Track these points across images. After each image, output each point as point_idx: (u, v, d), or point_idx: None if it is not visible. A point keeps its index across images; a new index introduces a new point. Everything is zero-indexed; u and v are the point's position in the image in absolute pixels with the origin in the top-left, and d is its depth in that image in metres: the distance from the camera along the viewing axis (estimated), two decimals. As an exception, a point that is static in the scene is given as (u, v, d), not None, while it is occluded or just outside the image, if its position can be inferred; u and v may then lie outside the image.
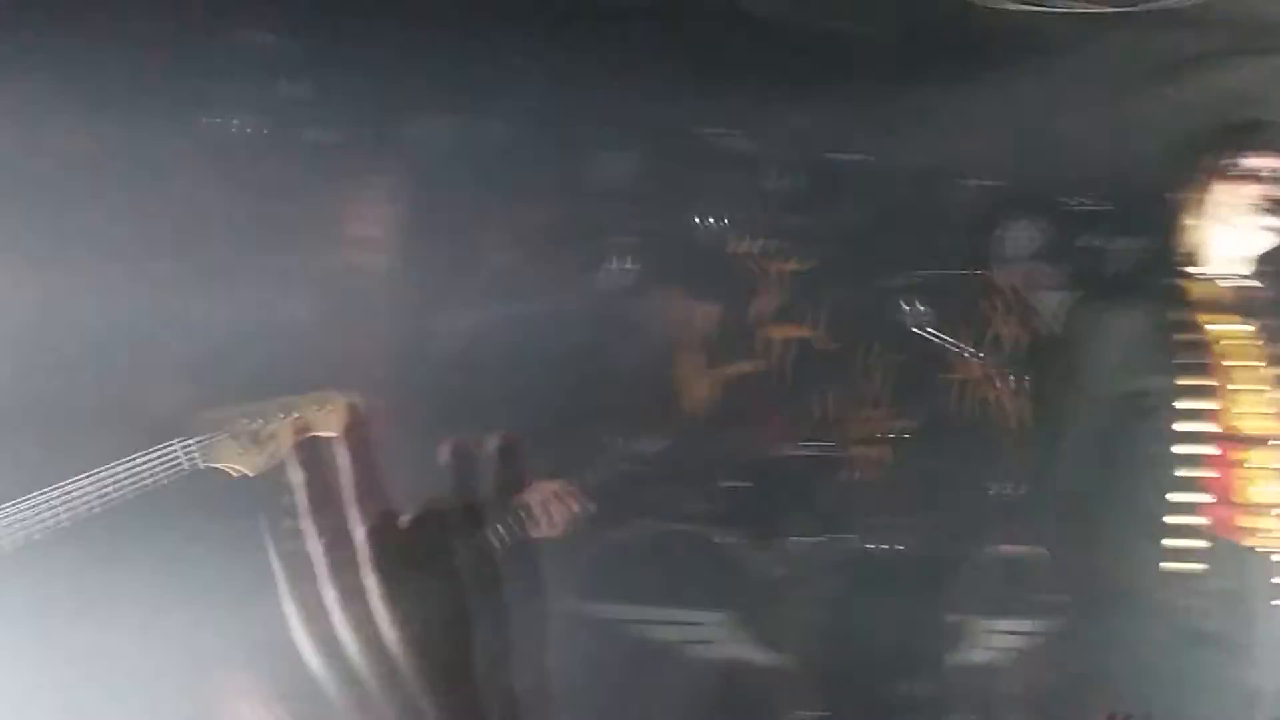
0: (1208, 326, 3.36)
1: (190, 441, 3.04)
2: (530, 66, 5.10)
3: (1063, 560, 3.43)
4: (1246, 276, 3.40)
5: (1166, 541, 3.26)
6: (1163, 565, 3.26)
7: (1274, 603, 3.30)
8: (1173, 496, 3.28)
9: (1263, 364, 3.36)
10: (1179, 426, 3.29)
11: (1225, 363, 3.33)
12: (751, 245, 5.48)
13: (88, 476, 2.93)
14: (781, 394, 5.22)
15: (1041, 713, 4.34)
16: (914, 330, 5.05)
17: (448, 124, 5.27)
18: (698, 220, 5.48)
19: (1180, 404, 3.29)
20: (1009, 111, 5.04)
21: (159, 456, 3.02)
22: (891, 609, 4.85)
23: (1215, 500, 3.28)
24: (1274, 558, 3.31)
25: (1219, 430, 3.29)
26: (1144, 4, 4.02)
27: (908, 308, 5.04)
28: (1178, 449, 3.28)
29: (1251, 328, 3.38)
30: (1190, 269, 3.40)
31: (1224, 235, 3.36)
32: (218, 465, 3.06)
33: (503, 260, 5.08)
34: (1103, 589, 3.33)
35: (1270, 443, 3.31)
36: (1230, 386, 3.31)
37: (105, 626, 3.42)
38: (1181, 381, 3.29)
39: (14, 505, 2.82)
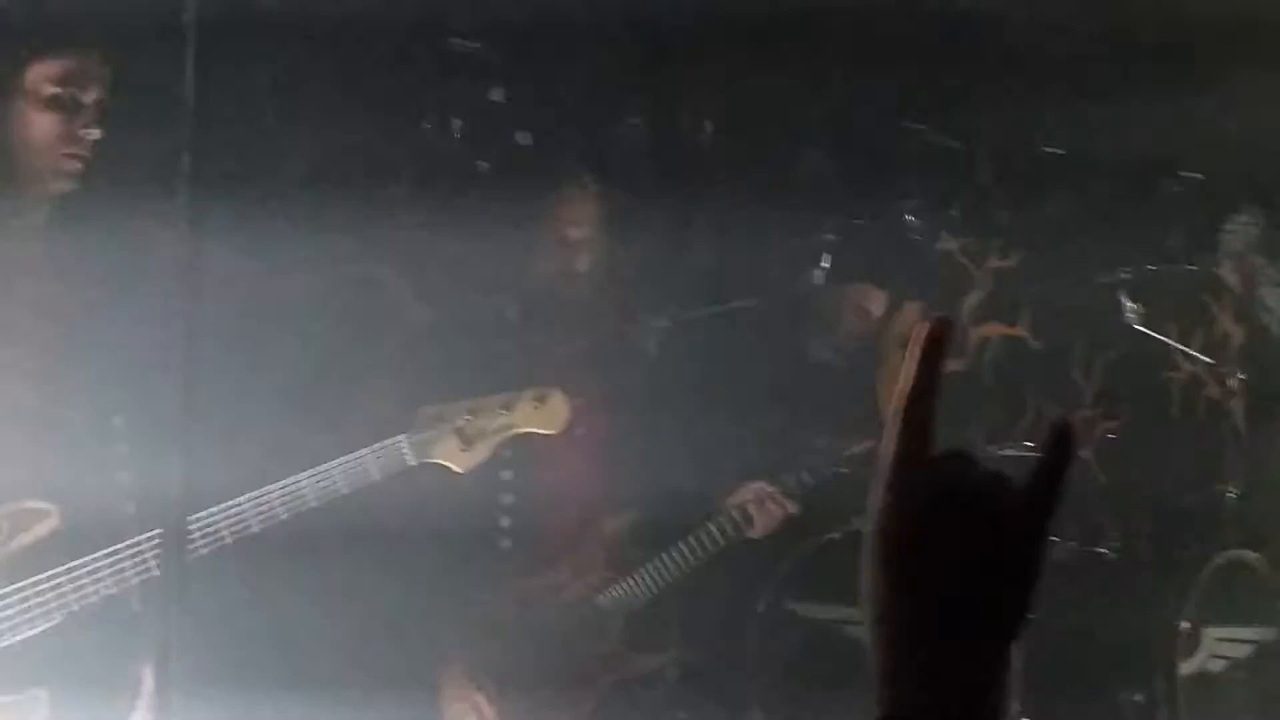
0: None
1: (410, 437, 3.10)
2: (736, 65, 5.11)
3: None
4: None
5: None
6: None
7: None
8: None
9: None
10: None
11: None
12: (961, 241, 5.38)
13: (309, 473, 3.00)
14: (990, 394, 5.12)
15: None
16: (1131, 327, 4.88)
17: (650, 126, 5.31)
18: (907, 217, 5.40)
19: None
20: (1227, 102, 4.87)
21: (379, 452, 3.08)
22: (1109, 614, 4.71)
23: None
24: None
25: None
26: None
27: (1124, 304, 4.88)
28: None
29: None
30: None
31: None
32: (436, 461, 3.12)
33: (708, 259, 5.10)
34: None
35: None
36: None
37: (324, 617, 3.55)
38: None
39: (237, 501, 2.91)
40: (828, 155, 5.47)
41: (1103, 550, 4.83)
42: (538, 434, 3.26)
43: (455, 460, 3.14)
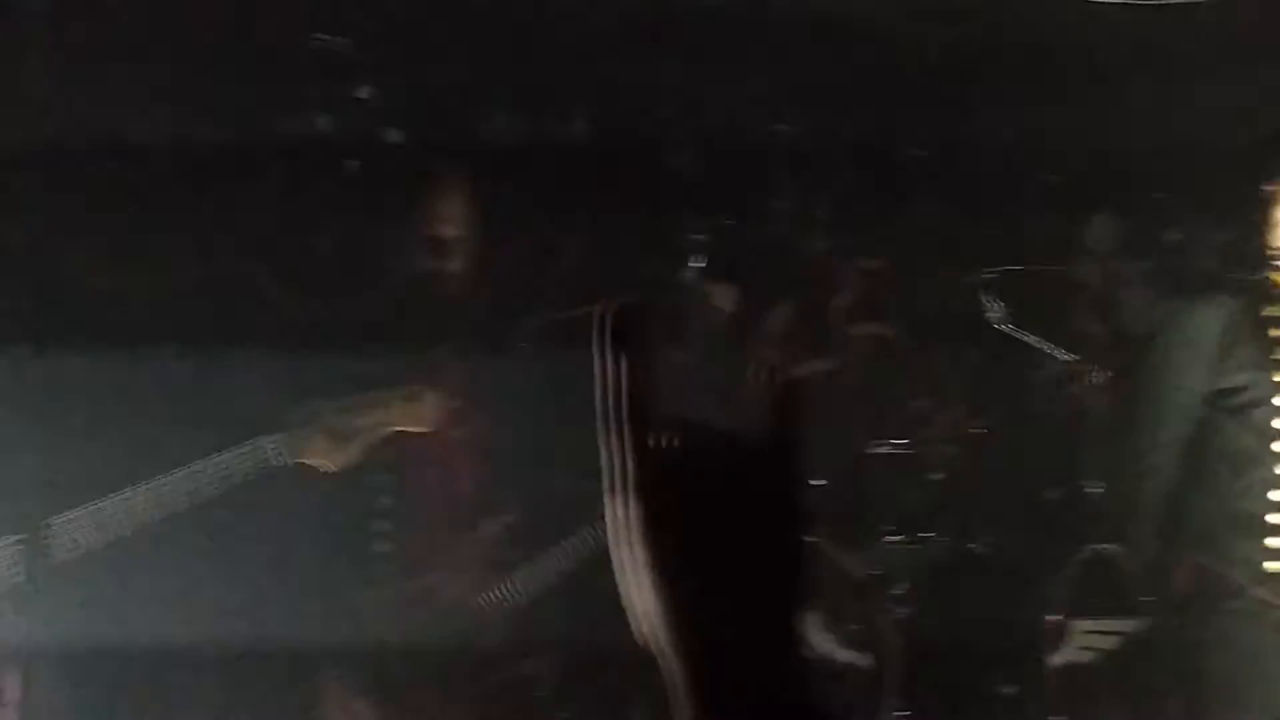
0: (1301, 321, 3.31)
1: (280, 437, 3.05)
2: (609, 64, 5.11)
3: (1154, 559, 3.38)
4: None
5: (1266, 540, 3.21)
6: (1263, 564, 3.20)
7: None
8: (1271, 494, 3.22)
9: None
10: (1273, 423, 3.23)
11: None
12: (829, 242, 5.45)
13: (176, 473, 2.94)
14: (860, 393, 5.18)
15: (1133, 713, 4.28)
16: (995, 327, 4.99)
17: (521, 126, 5.29)
18: (775, 218, 5.45)
19: (1274, 400, 3.23)
20: (1091, 104, 5.00)
21: (246, 453, 3.03)
22: (979, 608, 4.79)
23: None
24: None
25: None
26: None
27: (989, 304, 4.98)
28: (1274, 446, 3.23)
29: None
30: (1277, 262, 3.34)
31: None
32: (307, 461, 3.07)
33: (577, 259, 5.08)
34: (1195, 588, 3.28)
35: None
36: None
37: (193, 621, 3.46)
38: (1274, 377, 3.24)
39: (103, 501, 2.83)
40: (698, 155, 5.49)
41: (973, 546, 4.92)
42: (411, 432, 3.22)
43: (327, 459, 3.09)
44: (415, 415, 3.21)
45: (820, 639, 4.52)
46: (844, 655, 4.52)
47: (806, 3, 4.78)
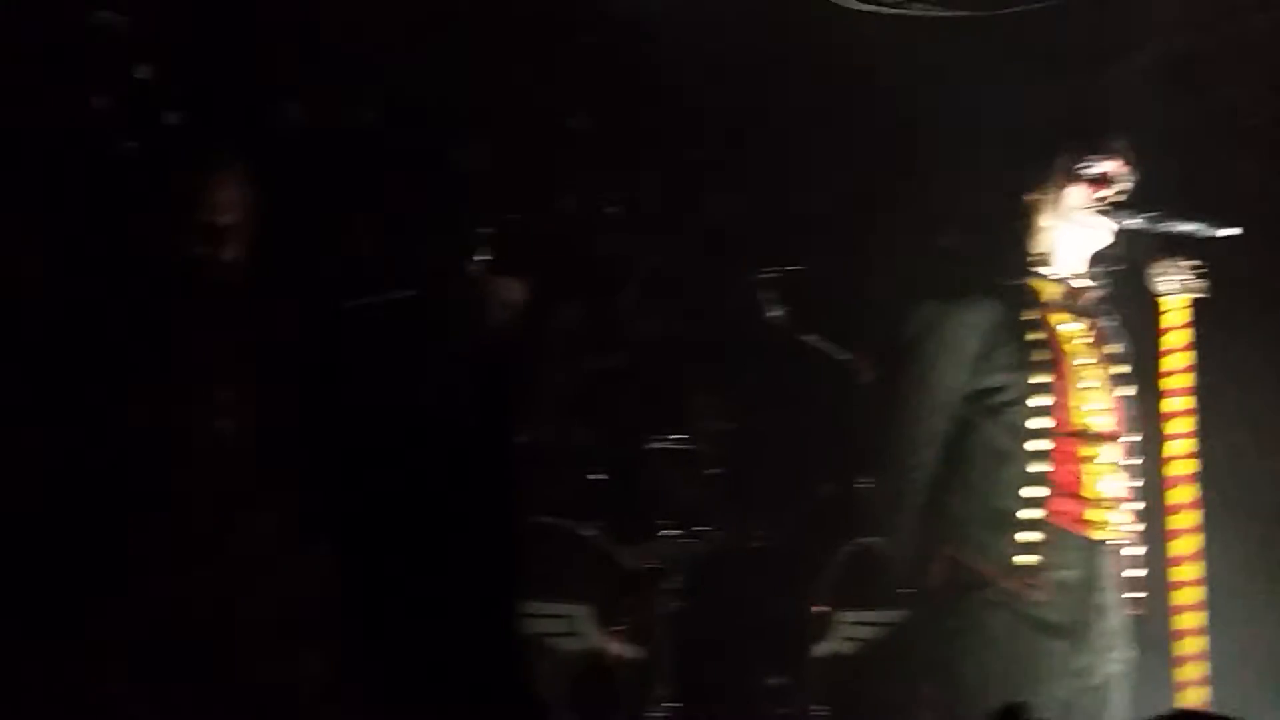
0: (1054, 325, 3.45)
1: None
2: (398, 53, 5.06)
3: (913, 553, 3.49)
4: (1090, 277, 3.50)
5: (1015, 535, 3.34)
6: (1012, 558, 3.33)
7: (1115, 593, 3.41)
8: (1021, 491, 3.36)
9: (1104, 362, 3.47)
10: (1027, 423, 3.37)
11: (1071, 361, 3.43)
12: (618, 239, 5.49)
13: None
14: (647, 388, 5.24)
15: (890, 703, 4.41)
16: (774, 326, 5.09)
17: (309, 112, 5.20)
18: (564, 212, 5.46)
19: (1028, 401, 3.37)
20: (865, 111, 5.13)
21: None
22: (750, 601, 4.90)
23: (1061, 494, 3.37)
24: (1116, 549, 3.42)
25: (1065, 427, 3.38)
26: (987, 10, 4.13)
27: (769, 303, 5.08)
28: (1026, 445, 3.36)
29: (1096, 326, 3.49)
30: (1037, 269, 3.49)
31: (1070, 236, 3.46)
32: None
33: (363, 249, 5.03)
34: (950, 580, 3.40)
35: (1111, 438, 3.41)
36: (1075, 384, 3.41)
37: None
38: (1029, 379, 3.37)
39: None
40: (488, 148, 5.47)
41: (746, 540, 5.02)
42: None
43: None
44: None
45: (592, 632, 4.57)
46: (616, 648, 4.58)
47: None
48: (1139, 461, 3.45)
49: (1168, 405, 3.38)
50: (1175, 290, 3.34)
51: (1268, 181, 4.91)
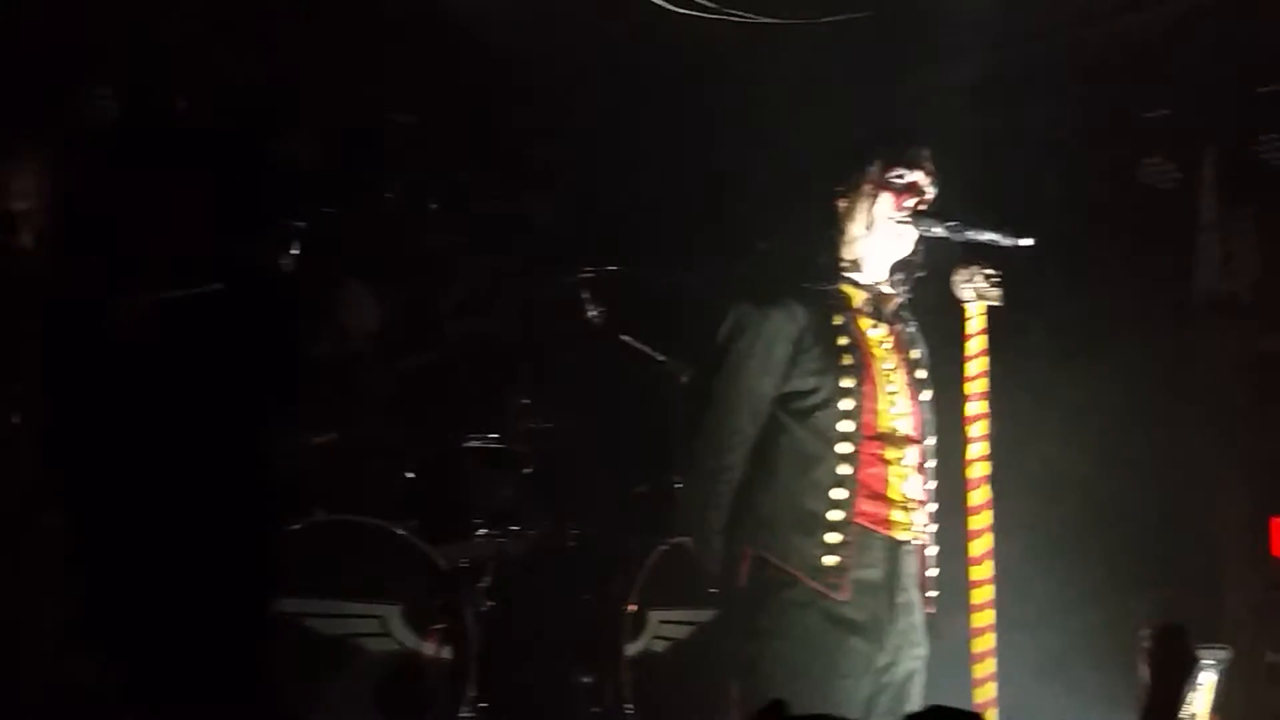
0: (862, 330, 3.52)
1: None
2: (219, 42, 4.96)
3: (723, 553, 3.52)
4: (894, 283, 3.57)
5: (822, 536, 3.39)
6: (818, 558, 3.38)
7: (916, 591, 3.49)
8: (828, 493, 3.41)
9: (907, 367, 3.55)
10: (835, 426, 3.42)
11: (877, 366, 3.49)
12: (441, 236, 5.45)
13: None
14: (463, 386, 5.21)
15: (699, 701, 4.46)
16: (594, 325, 5.11)
17: (122, 102, 5.06)
18: (387, 208, 5.40)
19: (836, 404, 3.42)
20: (690, 114, 5.18)
21: None
22: (563, 600, 4.91)
23: (867, 496, 3.43)
24: (918, 549, 3.50)
25: (871, 430, 3.45)
26: (804, 18, 4.20)
27: (589, 303, 5.10)
28: (834, 447, 3.41)
29: (898, 332, 3.57)
30: (847, 274, 3.55)
31: (877, 243, 3.53)
32: None
33: (177, 241, 4.91)
34: (758, 580, 3.44)
35: (914, 442, 3.49)
36: (881, 388, 3.47)
37: None
38: (837, 383, 3.43)
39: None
40: (310, 141, 5.39)
41: (560, 539, 5.03)
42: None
43: None
44: None
45: (404, 632, 4.53)
46: (428, 648, 4.54)
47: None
48: (935, 464, 3.54)
49: (968, 409, 3.46)
50: (974, 298, 3.42)
51: (1068, 194, 5.11)
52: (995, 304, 3.41)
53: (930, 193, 3.52)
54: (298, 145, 5.12)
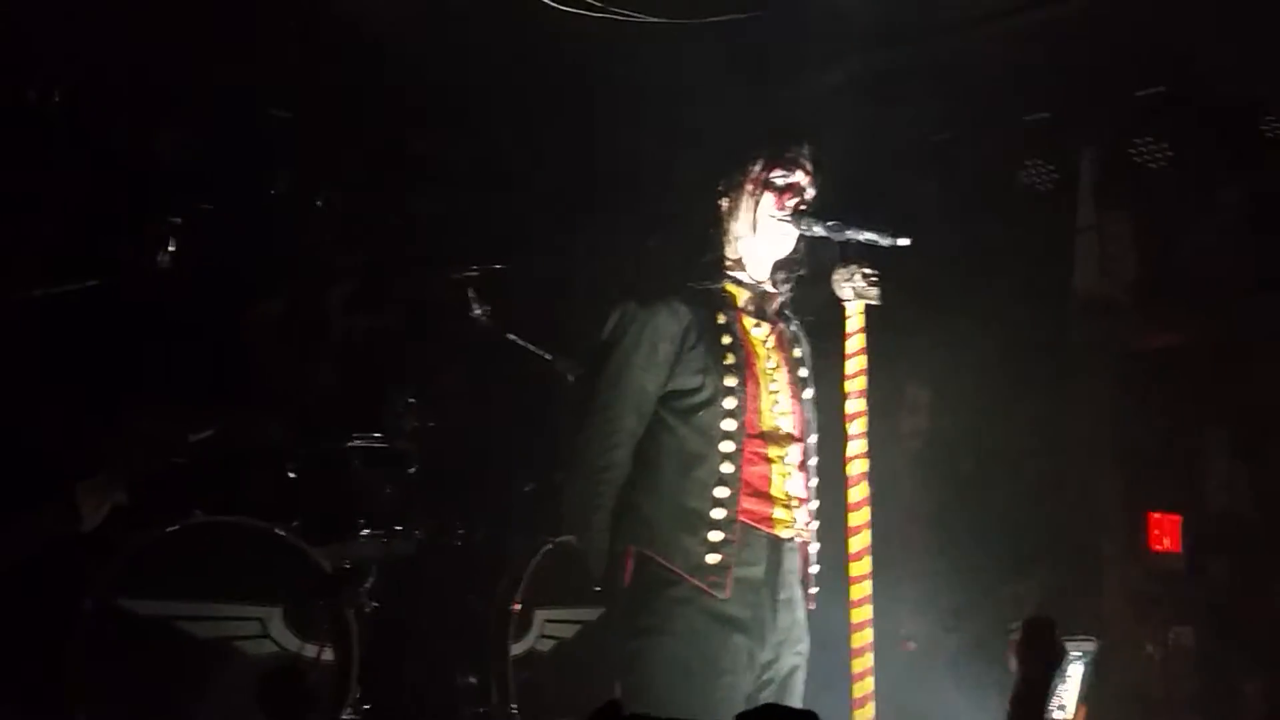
0: (746, 329, 3.53)
1: None
2: (90, 32, 4.86)
3: (607, 551, 3.52)
4: (776, 282, 3.60)
5: (705, 534, 3.40)
6: (701, 556, 3.39)
7: (798, 588, 3.52)
8: (712, 491, 3.41)
9: (789, 366, 3.57)
10: (719, 425, 3.43)
11: (760, 364, 3.51)
12: (327, 232, 5.39)
13: None
14: (348, 385, 5.16)
15: (583, 699, 4.45)
16: (480, 323, 5.08)
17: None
18: (272, 204, 5.33)
19: (720, 403, 3.43)
20: (576, 115, 5.18)
21: None
22: (448, 601, 4.88)
23: (750, 494, 3.44)
24: (800, 546, 3.52)
25: (754, 428, 3.46)
26: (691, 17, 4.21)
27: (475, 301, 5.06)
28: (718, 446, 3.42)
29: (781, 331, 3.59)
30: (731, 274, 3.56)
31: (760, 242, 3.54)
32: None
33: (51, 238, 4.81)
34: (641, 578, 3.44)
35: (796, 440, 3.51)
36: (764, 387, 3.49)
37: None
38: (721, 382, 3.44)
39: None
40: (189, 137, 5.31)
41: (445, 539, 5.00)
42: None
43: None
44: None
45: (285, 634, 4.47)
46: (309, 650, 4.48)
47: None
48: (816, 461, 3.57)
49: (848, 407, 3.49)
50: (853, 296, 3.45)
51: (949, 195, 5.18)
52: (874, 303, 3.44)
53: (810, 193, 3.55)
54: (173, 141, 5.04)
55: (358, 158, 5.53)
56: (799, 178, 3.53)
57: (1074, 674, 3.19)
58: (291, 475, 4.73)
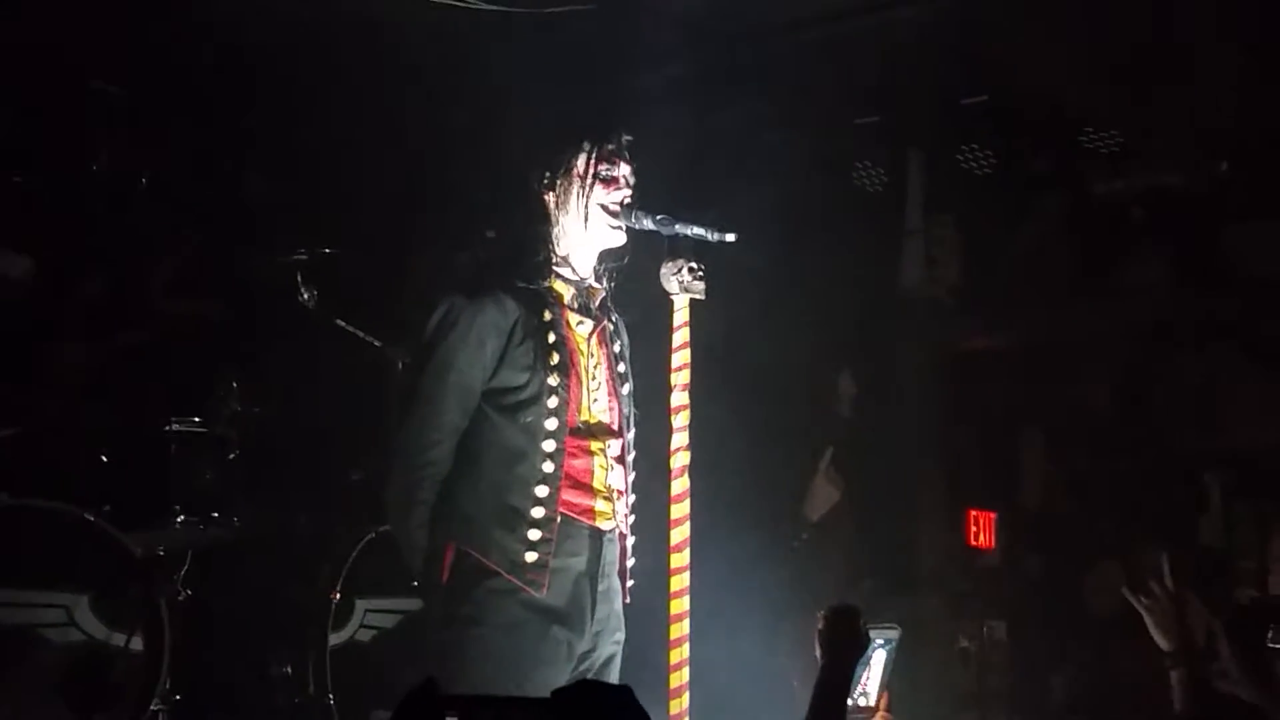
0: (570, 325, 3.53)
1: None
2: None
3: (426, 544, 3.49)
4: (600, 276, 3.60)
5: (526, 525, 3.39)
6: (521, 549, 3.38)
7: (616, 580, 3.54)
8: (533, 484, 3.41)
9: (611, 360, 3.58)
10: (542, 422, 3.42)
11: (583, 360, 3.51)
12: (147, 211, 5.25)
13: None
14: (168, 367, 5.04)
15: (402, 690, 4.41)
16: (307, 308, 4.99)
17: None
18: (92, 182, 5.17)
19: (544, 400, 3.42)
20: (406, 98, 5.13)
21: None
22: (266, 589, 4.80)
23: (571, 486, 3.45)
24: (620, 538, 3.54)
25: (576, 422, 3.46)
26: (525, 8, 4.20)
27: (302, 286, 4.97)
28: (540, 442, 3.42)
29: (603, 326, 3.59)
30: (556, 269, 3.56)
31: (585, 237, 3.54)
32: None
33: None
34: (460, 572, 3.42)
35: (616, 433, 3.53)
36: (587, 382, 3.50)
37: None
38: (545, 379, 3.43)
39: None
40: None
41: (264, 527, 4.91)
42: None
43: None
44: None
45: (93, 623, 4.36)
46: (117, 639, 4.37)
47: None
48: (634, 455, 3.59)
49: (672, 400, 3.51)
50: (679, 290, 3.47)
51: (779, 192, 5.25)
52: (699, 298, 3.46)
53: (636, 186, 3.55)
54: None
55: (186, 137, 5.39)
56: (624, 171, 3.54)
57: (877, 661, 3.24)
58: (104, 459, 4.60)
